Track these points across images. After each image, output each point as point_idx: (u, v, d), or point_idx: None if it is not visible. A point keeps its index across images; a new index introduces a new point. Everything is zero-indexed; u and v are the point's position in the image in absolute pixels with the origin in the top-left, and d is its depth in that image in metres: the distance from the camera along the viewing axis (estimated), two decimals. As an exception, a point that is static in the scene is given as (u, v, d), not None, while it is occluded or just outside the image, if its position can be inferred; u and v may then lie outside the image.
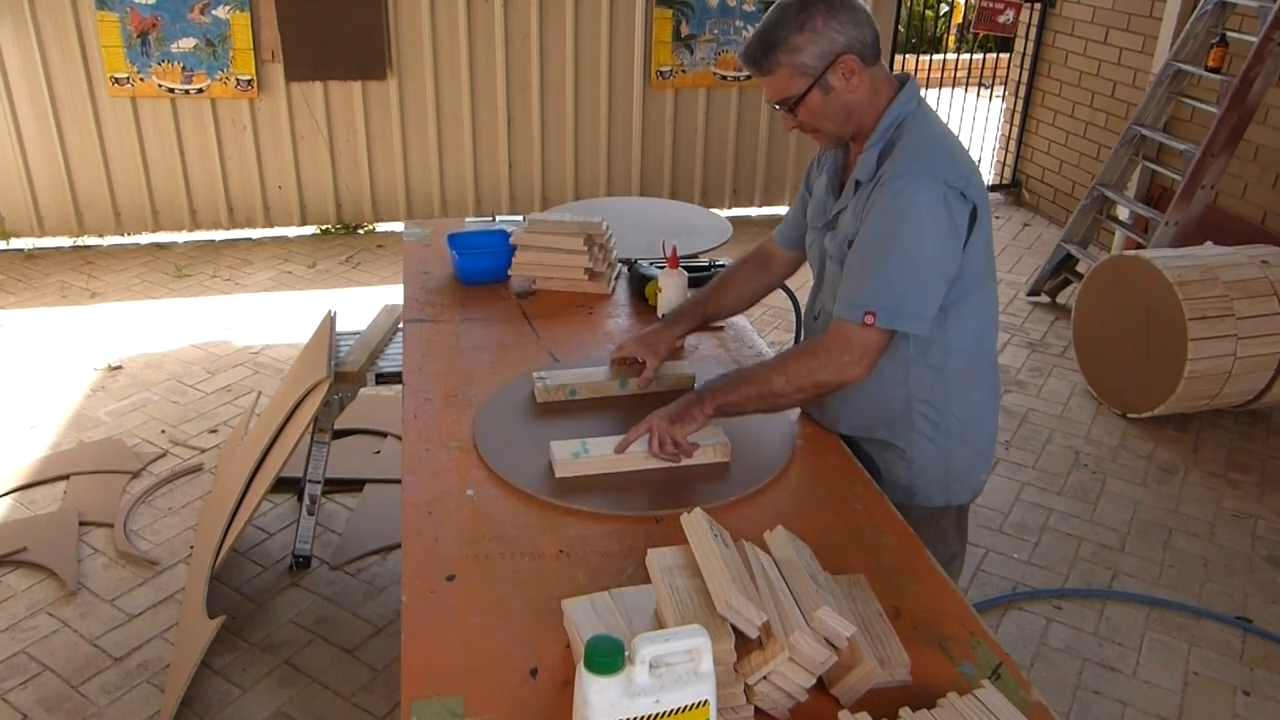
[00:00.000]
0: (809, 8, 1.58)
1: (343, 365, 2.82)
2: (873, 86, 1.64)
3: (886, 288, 1.57)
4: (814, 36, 1.58)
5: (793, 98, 1.64)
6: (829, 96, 1.63)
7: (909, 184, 1.55)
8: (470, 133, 5.62)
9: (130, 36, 5.00)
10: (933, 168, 1.57)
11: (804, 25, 1.58)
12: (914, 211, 1.55)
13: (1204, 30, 4.56)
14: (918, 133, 1.62)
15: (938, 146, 1.62)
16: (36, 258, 5.23)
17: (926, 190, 1.55)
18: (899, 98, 1.66)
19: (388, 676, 2.53)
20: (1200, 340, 3.51)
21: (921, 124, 1.64)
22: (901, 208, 1.55)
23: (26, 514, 3.14)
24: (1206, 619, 2.83)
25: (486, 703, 1.20)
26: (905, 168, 1.57)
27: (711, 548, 1.26)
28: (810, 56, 1.59)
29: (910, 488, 1.80)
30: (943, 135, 1.65)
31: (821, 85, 1.62)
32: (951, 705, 1.16)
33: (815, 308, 1.87)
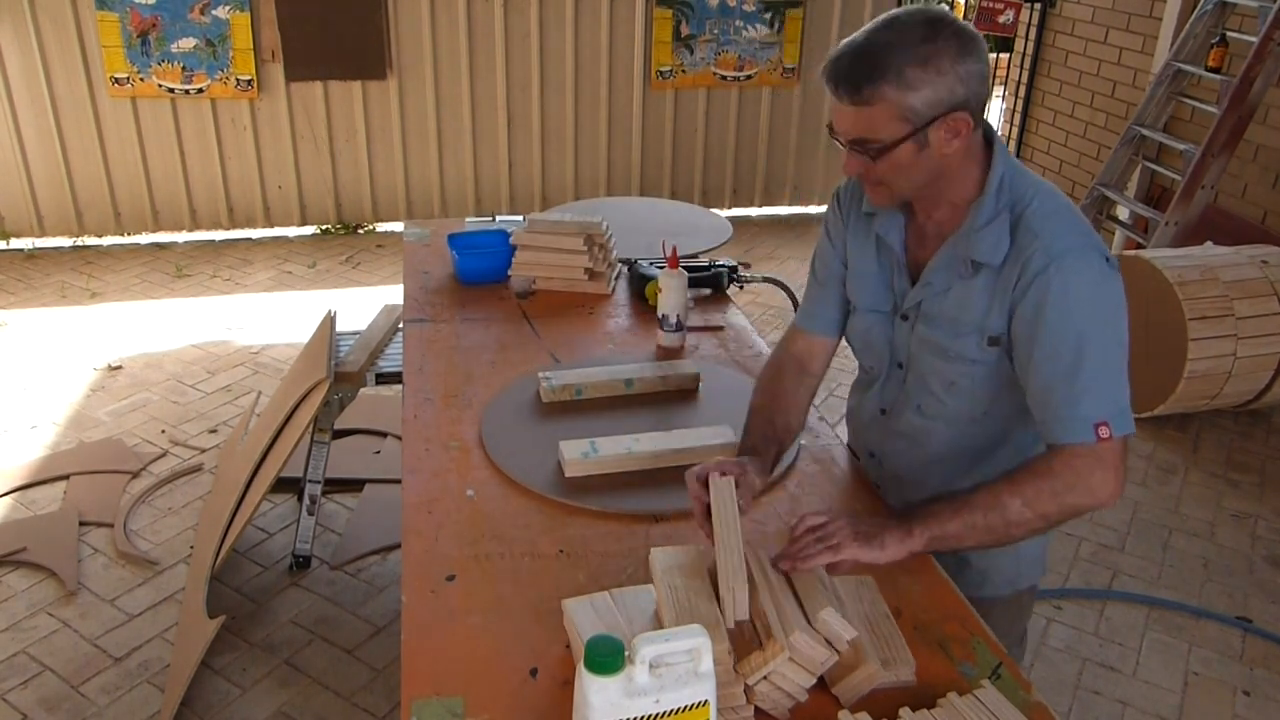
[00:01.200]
0: (938, 39, 1.27)
1: (343, 365, 2.82)
2: (969, 151, 1.36)
3: (1108, 392, 1.31)
4: (935, 78, 1.26)
5: (880, 143, 1.31)
6: (921, 153, 1.32)
7: (1077, 263, 1.30)
8: (470, 133, 5.62)
9: (130, 36, 5.00)
10: (1091, 241, 1.33)
11: (928, 60, 1.26)
12: (1094, 294, 1.31)
13: (1204, 30, 4.57)
14: (1046, 201, 1.35)
15: (1074, 212, 1.36)
16: (36, 258, 5.23)
17: (1096, 264, 1.31)
18: (997, 156, 1.38)
19: (388, 676, 2.53)
20: (1200, 340, 3.51)
21: (1037, 187, 1.38)
22: (1081, 296, 1.30)
23: (26, 514, 3.13)
24: (1206, 619, 2.83)
25: (486, 703, 1.20)
26: (1064, 245, 1.31)
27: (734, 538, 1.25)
28: (921, 101, 1.27)
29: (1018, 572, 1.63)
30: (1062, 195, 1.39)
31: (919, 138, 1.30)
32: (951, 705, 1.16)
33: (881, 402, 1.62)
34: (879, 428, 1.64)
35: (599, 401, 1.93)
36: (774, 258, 5.55)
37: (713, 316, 2.35)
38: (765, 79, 5.88)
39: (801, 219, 6.25)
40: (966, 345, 1.42)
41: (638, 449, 1.69)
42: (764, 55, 5.81)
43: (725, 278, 2.47)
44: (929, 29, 1.27)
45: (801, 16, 5.77)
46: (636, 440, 1.72)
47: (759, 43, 5.78)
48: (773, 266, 5.37)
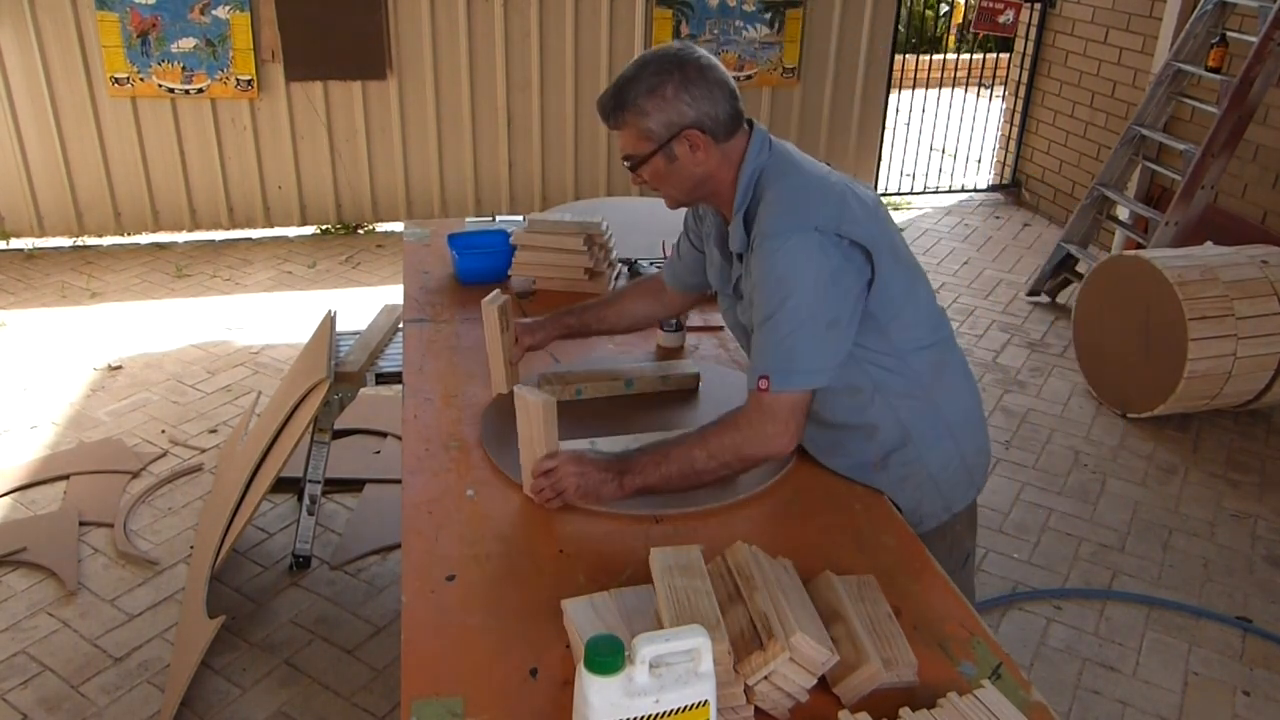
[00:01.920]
0: (663, 75, 1.55)
1: (343, 365, 2.82)
2: (724, 157, 1.61)
3: (775, 351, 1.52)
4: (662, 104, 1.56)
5: (637, 157, 1.61)
6: (672, 165, 1.60)
7: (779, 244, 1.51)
8: (470, 133, 5.62)
9: (130, 36, 5.00)
10: (799, 220, 1.52)
11: (654, 90, 1.55)
12: (789, 269, 1.50)
13: (1204, 30, 4.57)
14: (776, 186, 1.57)
15: (799, 195, 1.56)
16: (36, 258, 5.23)
17: (798, 244, 1.50)
18: (746, 154, 1.61)
19: (388, 676, 2.53)
20: (1200, 340, 3.51)
21: (779, 175, 1.59)
22: (777, 269, 1.51)
23: (26, 514, 3.14)
24: (1206, 619, 2.83)
25: (486, 703, 1.20)
26: (771, 228, 1.53)
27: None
28: (656, 124, 1.57)
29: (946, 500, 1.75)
30: (804, 179, 1.59)
31: (665, 153, 1.59)
32: (951, 705, 1.17)
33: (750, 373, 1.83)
34: None
35: (598, 401, 1.93)
36: (774, 258, 5.54)
37: (713, 316, 2.35)
38: (765, 79, 5.88)
39: (801, 219, 6.24)
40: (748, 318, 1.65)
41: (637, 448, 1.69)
42: (764, 55, 5.81)
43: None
44: (660, 65, 1.56)
45: (801, 16, 5.77)
46: (636, 440, 1.71)
47: (759, 43, 5.78)
48: (773, 266, 5.36)
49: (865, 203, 1.59)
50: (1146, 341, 3.73)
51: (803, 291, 1.50)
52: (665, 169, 1.62)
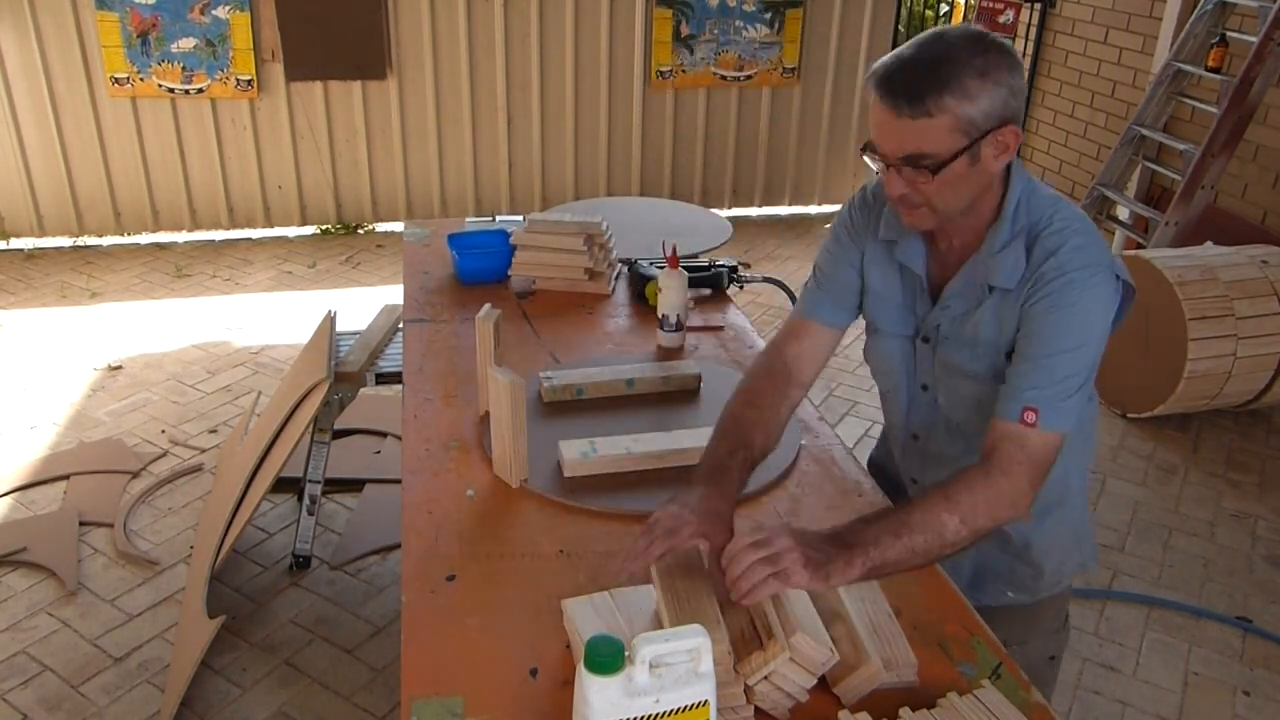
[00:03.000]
0: (993, 52, 1.26)
1: (343, 365, 2.82)
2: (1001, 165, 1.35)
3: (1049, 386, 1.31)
4: (993, 90, 1.25)
5: (937, 157, 1.27)
6: (973, 168, 1.30)
7: (1089, 278, 1.31)
8: (470, 133, 5.62)
9: (130, 36, 5.00)
10: (1102, 257, 1.34)
11: (986, 72, 1.25)
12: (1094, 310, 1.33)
13: (1204, 30, 4.56)
14: (1064, 215, 1.36)
15: (1092, 230, 1.37)
16: (36, 258, 5.23)
17: (1105, 283, 1.33)
18: (1014, 177, 1.37)
19: (388, 676, 2.53)
20: (1200, 340, 3.51)
21: (1052, 202, 1.38)
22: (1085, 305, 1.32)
23: (26, 514, 3.13)
24: (1206, 619, 2.83)
25: (486, 703, 1.20)
26: (1080, 261, 1.32)
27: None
28: (980, 112, 1.25)
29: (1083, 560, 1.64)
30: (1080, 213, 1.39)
31: (973, 152, 1.28)
32: (951, 705, 1.16)
33: (910, 427, 1.61)
34: (914, 453, 1.63)
35: (599, 401, 1.93)
36: (774, 258, 5.55)
37: (713, 316, 2.35)
38: (765, 79, 5.88)
39: (801, 219, 6.25)
40: (987, 365, 1.43)
41: (637, 449, 1.69)
42: (764, 55, 5.81)
43: (725, 278, 2.47)
44: (978, 44, 1.27)
45: (801, 16, 5.77)
46: (636, 440, 1.72)
47: (759, 43, 5.78)
48: (773, 266, 5.37)
49: None
50: (1146, 341, 3.73)
51: (1096, 337, 1.33)
52: (964, 174, 1.30)
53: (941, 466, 1.56)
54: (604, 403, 1.93)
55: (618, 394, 1.95)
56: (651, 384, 1.97)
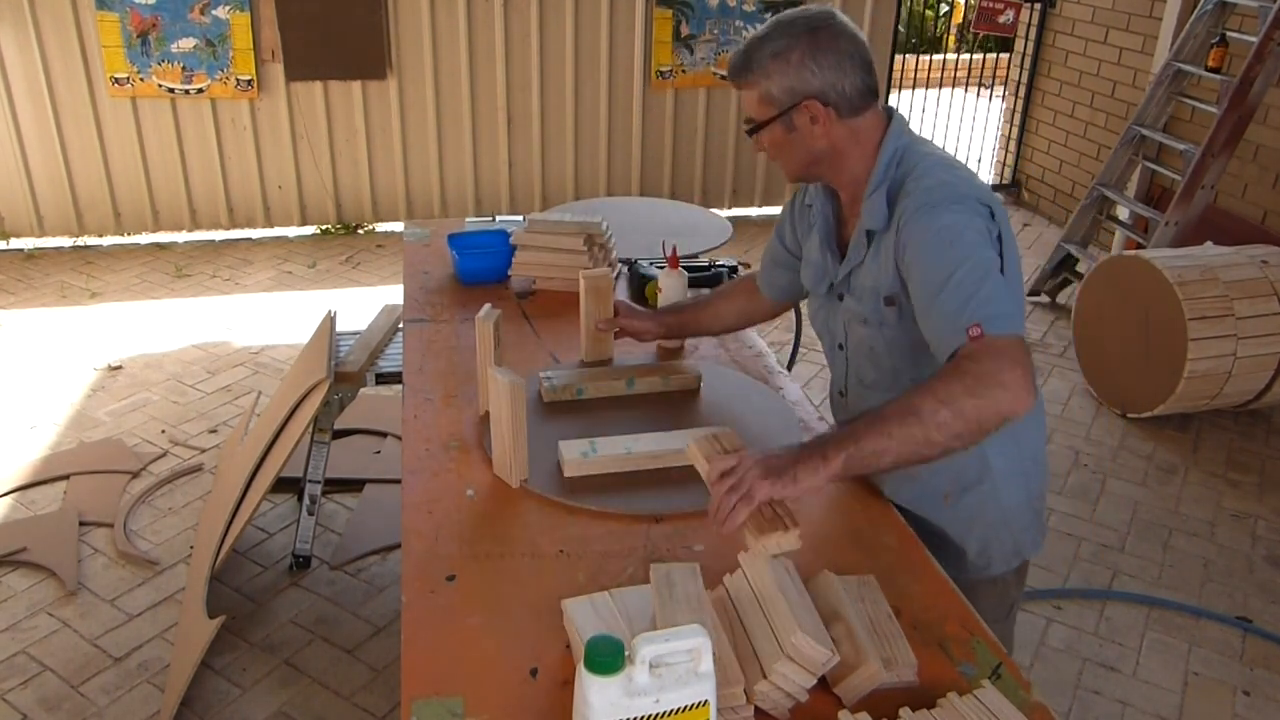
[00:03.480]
0: (792, 39, 1.49)
1: (343, 365, 2.82)
2: (853, 135, 1.53)
3: (971, 303, 1.34)
4: (785, 69, 1.48)
5: (754, 121, 1.56)
6: (791, 135, 1.53)
7: (943, 212, 1.41)
8: (470, 133, 5.62)
9: (130, 36, 5.00)
10: (960, 192, 1.44)
11: (780, 54, 1.48)
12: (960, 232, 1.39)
13: (1204, 30, 4.57)
14: (927, 162, 1.49)
15: (955, 171, 1.49)
16: (36, 258, 5.23)
17: (964, 211, 1.41)
18: (889, 133, 1.54)
19: (388, 676, 2.53)
20: (1200, 340, 3.51)
21: (924, 154, 1.52)
22: (947, 233, 1.39)
23: (26, 514, 3.14)
24: (1206, 619, 2.83)
25: (486, 703, 1.20)
26: (931, 198, 1.43)
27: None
28: (778, 88, 1.50)
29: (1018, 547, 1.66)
30: (951, 163, 1.52)
31: (784, 121, 1.52)
32: (951, 705, 1.16)
33: (845, 381, 1.71)
34: (843, 410, 1.77)
35: (599, 401, 1.93)
36: (774, 258, 5.55)
37: (713, 316, 2.35)
38: (765, 79, 5.87)
39: (801, 219, 6.25)
40: (870, 308, 1.57)
41: (638, 449, 1.69)
42: (764, 55, 5.81)
43: (725, 278, 2.47)
44: (791, 28, 1.49)
45: (801, 16, 5.77)
46: (636, 440, 1.72)
47: (759, 43, 5.78)
48: (773, 266, 5.37)
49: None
50: (1146, 341, 3.73)
51: (979, 248, 1.38)
52: (784, 138, 1.54)
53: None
54: (604, 403, 1.93)
55: (618, 394, 1.95)
56: (651, 384, 1.97)
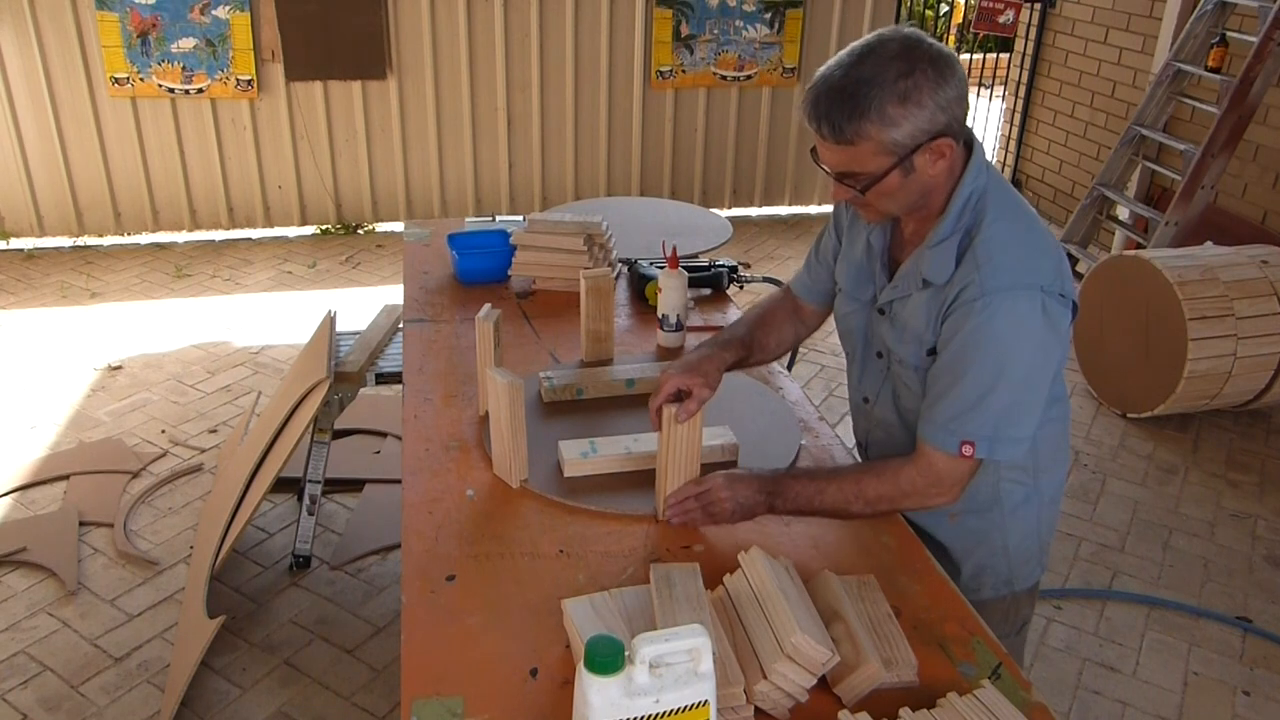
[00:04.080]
0: (914, 73, 1.28)
1: (343, 365, 2.82)
2: (951, 165, 1.38)
3: (987, 417, 1.35)
4: (915, 112, 1.28)
5: (867, 176, 1.34)
6: (908, 178, 1.35)
7: (1005, 302, 1.32)
8: (470, 133, 5.62)
9: (130, 36, 5.00)
10: (1028, 276, 1.34)
11: (906, 96, 1.28)
12: (1011, 333, 1.33)
13: (1204, 30, 4.57)
14: (1002, 225, 1.37)
15: (1029, 244, 1.37)
16: (36, 258, 5.23)
17: (1026, 305, 1.33)
18: (969, 171, 1.39)
19: (388, 676, 2.53)
20: (1200, 340, 3.51)
21: (1003, 208, 1.39)
22: (998, 331, 1.33)
23: (26, 514, 3.13)
24: (1206, 619, 2.83)
25: (486, 703, 1.20)
26: (998, 283, 1.33)
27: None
28: (904, 134, 1.30)
29: (1010, 576, 1.66)
30: (1030, 222, 1.40)
31: (905, 166, 1.33)
32: (951, 705, 1.16)
33: (862, 390, 1.68)
34: (864, 416, 1.71)
35: (599, 401, 1.93)
36: (774, 258, 5.55)
37: (713, 316, 2.35)
38: (765, 79, 5.88)
39: (801, 219, 6.25)
40: (910, 351, 1.50)
41: (637, 449, 1.69)
42: (764, 55, 5.81)
43: (725, 278, 2.47)
44: (905, 62, 1.29)
45: (802, 16, 5.77)
46: (636, 440, 1.72)
47: (759, 43, 5.78)
48: (773, 266, 5.37)
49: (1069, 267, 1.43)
50: (1146, 341, 3.73)
51: (1022, 358, 1.35)
52: (898, 185, 1.36)
53: (884, 431, 1.66)
54: (604, 403, 1.93)
55: (618, 394, 1.95)
56: (651, 384, 1.97)
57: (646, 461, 1.68)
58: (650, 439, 1.72)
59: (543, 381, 1.93)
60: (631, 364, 2.05)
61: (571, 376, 1.96)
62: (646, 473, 1.67)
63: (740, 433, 1.76)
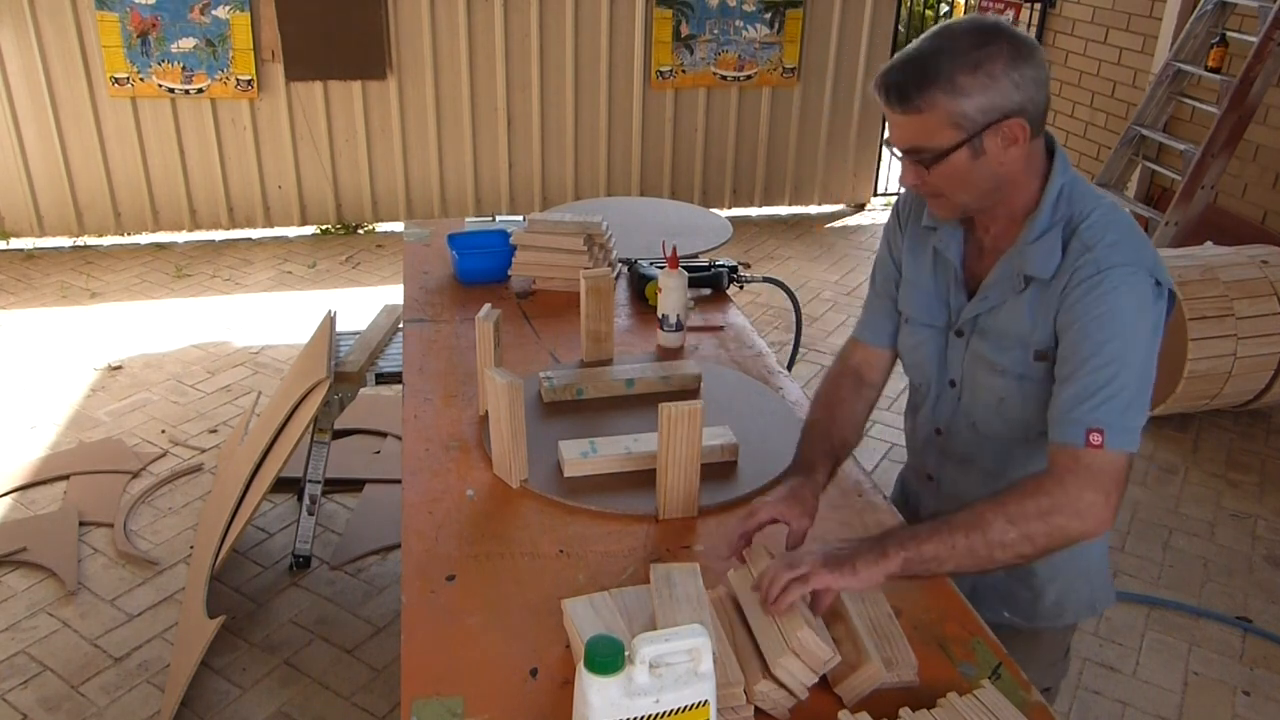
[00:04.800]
0: (990, 45, 1.25)
1: (343, 365, 2.82)
2: (1030, 162, 1.34)
3: (1114, 401, 1.26)
4: (987, 83, 1.25)
5: (934, 151, 1.29)
6: (977, 161, 1.30)
7: (1128, 278, 1.27)
8: (470, 133, 5.62)
9: (130, 36, 5.00)
10: (1140, 257, 1.29)
11: (979, 66, 1.24)
12: (1133, 310, 1.28)
13: (1204, 30, 4.57)
14: (1104, 215, 1.33)
15: (1132, 229, 1.33)
16: (36, 258, 5.23)
17: (1142, 285, 1.28)
18: (1056, 167, 1.36)
19: (388, 676, 2.53)
20: (1200, 340, 3.51)
21: (1093, 199, 1.35)
22: (1121, 306, 1.27)
23: (26, 514, 3.13)
24: (1206, 619, 2.83)
25: (486, 703, 1.20)
26: (1115, 258, 1.28)
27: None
28: (974, 107, 1.25)
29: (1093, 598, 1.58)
30: (1122, 212, 1.36)
31: (974, 145, 1.28)
32: (951, 705, 1.16)
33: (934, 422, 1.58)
34: (935, 449, 1.60)
35: (599, 401, 1.93)
36: (774, 258, 5.55)
37: (713, 316, 2.35)
38: (765, 79, 5.88)
39: (801, 219, 6.25)
40: (1014, 359, 1.40)
41: (637, 449, 1.69)
42: (764, 55, 5.81)
43: (725, 278, 2.47)
44: (980, 36, 1.26)
45: (802, 16, 5.77)
46: (636, 440, 1.72)
47: (759, 43, 5.78)
48: (773, 266, 5.37)
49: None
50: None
51: (1142, 337, 1.28)
52: (967, 167, 1.30)
53: (960, 465, 1.56)
54: (604, 403, 1.93)
55: (618, 394, 1.95)
56: (651, 384, 1.97)
57: (646, 461, 1.68)
58: (650, 439, 1.72)
59: (543, 381, 1.93)
60: (631, 364, 2.05)
61: (571, 376, 1.96)
62: (646, 473, 1.67)
63: (740, 433, 1.76)
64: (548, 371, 1.98)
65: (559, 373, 1.98)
